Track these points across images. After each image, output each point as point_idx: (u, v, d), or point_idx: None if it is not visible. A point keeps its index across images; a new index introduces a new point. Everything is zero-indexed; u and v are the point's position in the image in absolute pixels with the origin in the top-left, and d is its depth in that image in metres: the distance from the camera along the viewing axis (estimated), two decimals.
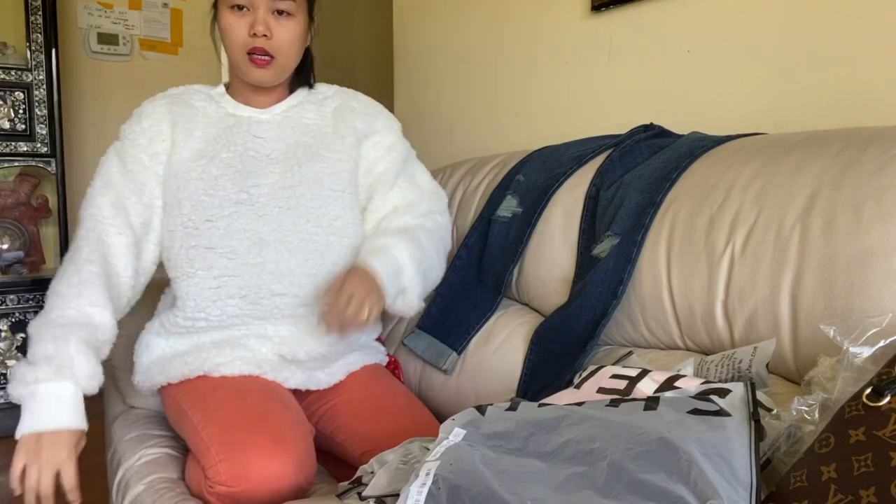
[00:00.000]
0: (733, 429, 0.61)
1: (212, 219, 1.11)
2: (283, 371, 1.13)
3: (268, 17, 1.10)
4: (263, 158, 1.16)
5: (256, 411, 1.01)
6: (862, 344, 0.66)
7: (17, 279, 2.37)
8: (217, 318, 1.12)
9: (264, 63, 1.12)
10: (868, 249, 0.77)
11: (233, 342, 1.12)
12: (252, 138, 1.17)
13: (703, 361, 0.88)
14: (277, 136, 1.19)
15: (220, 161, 1.14)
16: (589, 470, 0.59)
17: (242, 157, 1.16)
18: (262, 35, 1.10)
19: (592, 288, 1.07)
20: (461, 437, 0.68)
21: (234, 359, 1.10)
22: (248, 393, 1.05)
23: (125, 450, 1.16)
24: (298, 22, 1.13)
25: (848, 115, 1.09)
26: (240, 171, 1.14)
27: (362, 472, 0.84)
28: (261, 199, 1.13)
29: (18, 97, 2.32)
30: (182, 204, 1.12)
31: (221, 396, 1.05)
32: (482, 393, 1.23)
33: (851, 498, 0.54)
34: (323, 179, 1.16)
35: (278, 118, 1.21)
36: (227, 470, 0.93)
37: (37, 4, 2.29)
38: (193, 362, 1.10)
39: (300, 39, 1.16)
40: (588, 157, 1.26)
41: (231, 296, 1.11)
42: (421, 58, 2.13)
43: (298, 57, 1.19)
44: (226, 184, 1.13)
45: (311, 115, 1.23)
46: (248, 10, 1.10)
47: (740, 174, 0.96)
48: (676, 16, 1.37)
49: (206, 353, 1.11)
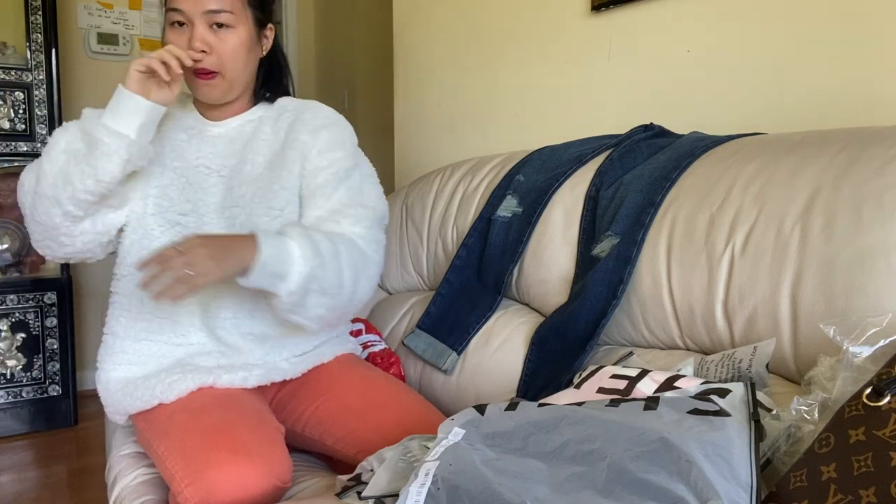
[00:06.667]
0: (733, 429, 0.61)
1: (158, 225, 1.13)
2: (239, 371, 1.11)
3: (205, 32, 1.08)
4: (211, 173, 1.16)
5: (213, 427, 0.98)
6: (862, 344, 0.66)
7: (17, 279, 2.37)
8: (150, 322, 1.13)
9: (208, 79, 1.10)
10: (868, 249, 0.77)
11: (179, 362, 1.12)
12: (202, 151, 1.17)
13: (703, 361, 0.88)
14: (228, 152, 1.18)
15: (171, 170, 1.15)
16: (589, 470, 0.59)
17: (192, 169, 1.16)
18: (201, 51, 1.07)
19: (592, 288, 1.07)
20: (460, 436, 0.68)
21: (181, 376, 1.08)
22: (203, 411, 1.03)
23: (122, 466, 1.16)
24: (240, 33, 1.10)
25: (848, 115, 1.09)
26: (189, 183, 1.15)
27: (361, 469, 0.84)
28: (205, 215, 1.14)
29: (18, 97, 2.32)
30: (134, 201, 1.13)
31: (178, 420, 1.02)
32: (482, 393, 1.23)
33: (851, 498, 0.54)
34: (265, 197, 1.14)
35: (232, 133, 1.20)
36: (194, 494, 0.91)
37: (37, 4, 2.29)
38: (143, 395, 1.08)
39: (244, 51, 1.12)
40: (588, 157, 1.26)
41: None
42: (421, 58, 2.13)
43: (248, 69, 1.15)
44: (173, 193, 1.14)
45: (265, 131, 1.20)
46: (186, 26, 1.08)
47: (740, 174, 0.96)
48: (676, 16, 1.36)
49: (154, 380, 1.09)
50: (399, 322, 1.51)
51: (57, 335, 2.40)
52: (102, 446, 1.33)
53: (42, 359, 2.39)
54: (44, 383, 2.40)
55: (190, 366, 1.11)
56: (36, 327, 2.37)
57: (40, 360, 2.39)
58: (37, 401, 2.40)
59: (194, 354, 1.14)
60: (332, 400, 1.15)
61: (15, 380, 2.36)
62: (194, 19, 1.07)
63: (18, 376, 2.37)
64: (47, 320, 2.39)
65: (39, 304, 2.37)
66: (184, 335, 1.15)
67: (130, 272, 1.14)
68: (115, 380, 1.14)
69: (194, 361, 1.13)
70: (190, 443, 0.97)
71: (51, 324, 2.39)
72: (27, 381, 2.38)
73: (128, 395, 1.10)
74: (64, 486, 2.02)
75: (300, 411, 1.17)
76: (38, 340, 2.38)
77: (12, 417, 2.37)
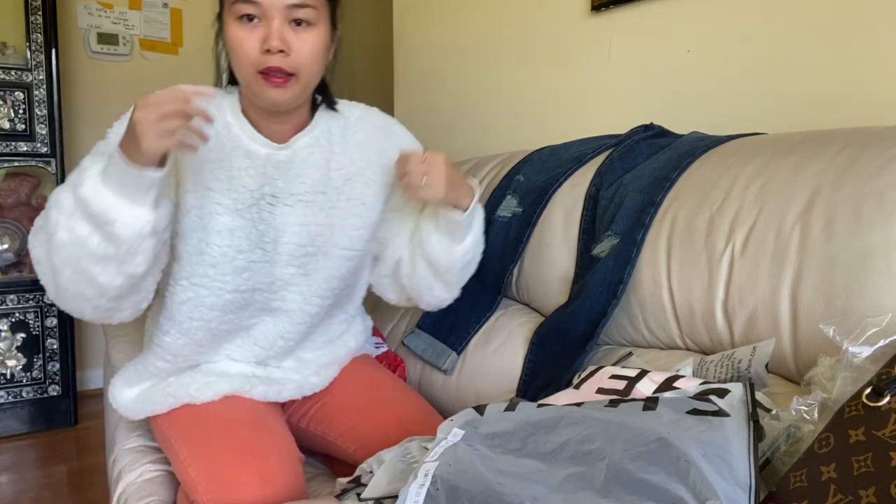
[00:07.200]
0: (732, 429, 0.61)
1: (212, 270, 1.00)
2: (274, 385, 1.09)
3: (284, 29, 0.92)
4: (283, 209, 1.02)
5: (244, 447, 0.96)
6: (861, 344, 0.66)
7: (16, 279, 2.37)
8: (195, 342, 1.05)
9: (281, 82, 0.94)
10: (868, 249, 0.77)
11: (211, 368, 1.08)
12: (270, 182, 1.01)
13: (703, 361, 0.88)
14: (298, 180, 1.03)
15: (233, 212, 0.99)
16: (588, 470, 0.59)
17: (257, 206, 1.01)
18: (279, 51, 0.92)
19: (592, 288, 1.07)
20: (460, 437, 0.68)
21: (217, 379, 1.06)
22: (234, 426, 1.00)
23: (127, 461, 1.15)
24: (321, 32, 0.96)
25: (848, 115, 1.09)
26: (255, 226, 1.01)
27: (361, 471, 0.84)
28: (279, 256, 1.03)
29: (18, 97, 2.32)
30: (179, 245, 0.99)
31: (208, 430, 0.99)
32: (482, 393, 1.23)
33: (851, 498, 0.54)
34: (347, 234, 1.07)
35: (302, 154, 1.03)
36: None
37: (37, 4, 2.29)
38: (176, 392, 1.04)
39: (323, 53, 0.98)
40: (588, 157, 1.26)
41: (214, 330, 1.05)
42: (421, 58, 2.13)
43: (321, 74, 1.01)
44: (239, 239, 1.00)
45: (336, 150, 1.06)
46: (260, 21, 0.92)
47: (740, 174, 0.96)
48: (676, 16, 1.36)
49: (188, 379, 1.05)
50: (399, 322, 1.50)
51: (57, 335, 2.40)
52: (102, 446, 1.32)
53: (42, 359, 2.39)
54: (44, 383, 2.40)
55: (226, 374, 1.08)
56: (36, 327, 2.37)
57: (40, 360, 2.39)
58: (37, 401, 2.39)
59: (232, 368, 1.10)
60: (339, 397, 1.15)
61: (15, 380, 2.36)
62: (272, 13, 0.91)
63: (18, 376, 2.37)
64: (47, 320, 2.39)
65: (39, 304, 2.37)
66: (232, 359, 1.10)
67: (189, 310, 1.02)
68: (133, 396, 1.09)
69: (230, 371, 1.09)
70: (218, 457, 0.95)
71: (51, 324, 2.39)
72: (27, 381, 2.38)
73: (147, 402, 1.06)
74: (64, 486, 2.02)
75: (307, 407, 1.17)
76: (38, 340, 2.38)
77: (12, 417, 2.37)
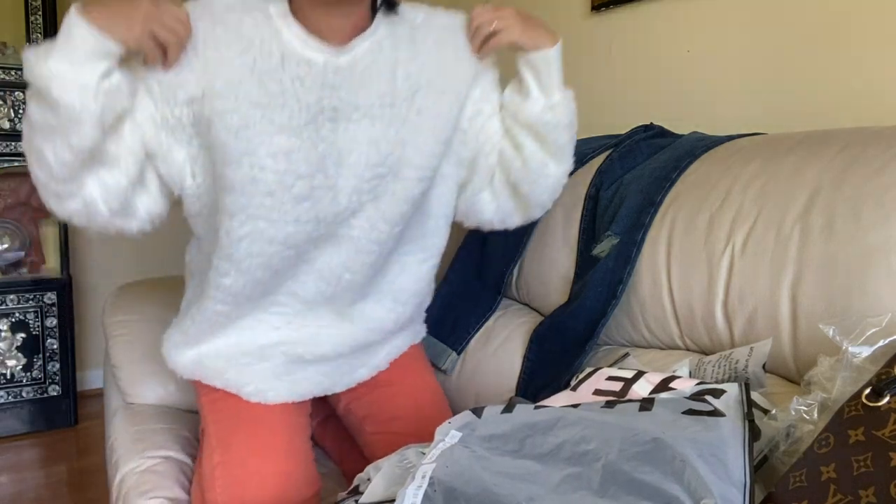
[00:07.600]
0: (727, 429, 0.61)
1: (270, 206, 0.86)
2: (324, 382, 1.06)
3: None
4: (346, 126, 0.87)
5: (273, 472, 0.95)
6: (861, 344, 0.65)
7: (17, 279, 2.37)
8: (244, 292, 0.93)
9: None
10: (868, 249, 0.77)
11: (275, 368, 1.01)
12: (330, 93, 0.86)
13: (701, 362, 0.88)
14: (362, 91, 0.88)
15: (279, 127, 0.84)
16: (584, 471, 0.59)
17: (315, 123, 0.85)
18: None
19: (592, 288, 1.07)
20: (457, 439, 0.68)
21: (273, 387, 1.01)
22: (272, 445, 0.97)
23: (124, 451, 1.15)
24: None
25: (848, 115, 1.08)
26: (315, 146, 0.86)
27: (359, 480, 0.84)
28: (345, 180, 0.89)
29: (18, 97, 2.32)
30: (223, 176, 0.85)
31: (245, 435, 0.97)
32: (482, 393, 1.23)
33: (851, 498, 0.54)
34: (420, 151, 0.92)
35: (364, 61, 0.88)
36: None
37: (37, 4, 2.29)
38: (230, 378, 1.00)
39: None
40: (588, 157, 1.25)
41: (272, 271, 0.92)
42: None
43: None
44: (297, 162, 0.85)
45: (402, 57, 0.90)
46: None
47: (740, 174, 0.95)
48: (676, 16, 1.36)
49: (247, 377, 1.00)
50: None
51: (57, 335, 2.40)
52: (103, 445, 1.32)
53: (42, 359, 2.39)
54: (44, 383, 2.40)
55: (268, 356, 1.01)
56: (36, 327, 2.37)
57: (40, 360, 2.39)
58: (37, 401, 2.39)
59: (283, 343, 1.00)
60: (388, 397, 1.11)
61: (15, 380, 2.36)
62: None
63: (18, 376, 2.37)
64: (47, 320, 2.39)
65: (39, 304, 2.37)
66: (298, 323, 1.00)
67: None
68: (188, 361, 1.02)
69: (275, 352, 1.01)
70: (246, 474, 0.95)
71: (51, 324, 2.39)
72: (27, 381, 2.38)
73: (200, 368, 1.02)
74: (64, 486, 2.02)
75: (355, 388, 1.11)
76: (38, 340, 2.38)
77: (12, 417, 2.37)
